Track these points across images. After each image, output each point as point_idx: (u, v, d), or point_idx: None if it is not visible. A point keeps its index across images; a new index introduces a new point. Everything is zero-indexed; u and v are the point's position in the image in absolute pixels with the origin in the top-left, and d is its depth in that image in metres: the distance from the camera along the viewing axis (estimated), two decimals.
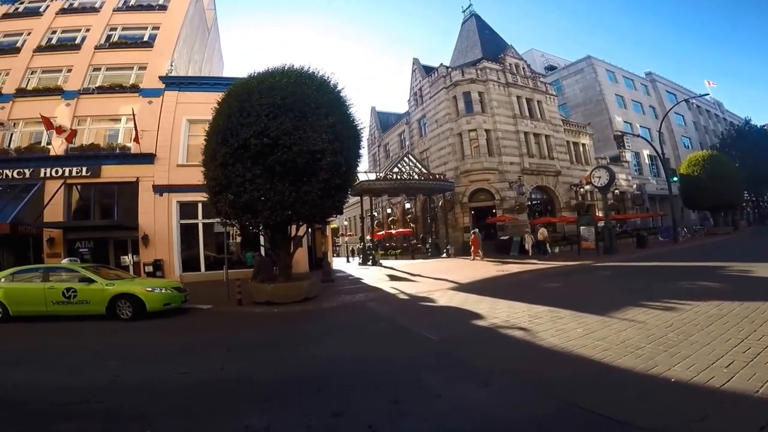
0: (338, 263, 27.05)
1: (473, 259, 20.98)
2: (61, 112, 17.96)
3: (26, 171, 17.18)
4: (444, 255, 23.99)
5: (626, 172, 36.86)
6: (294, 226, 11.77)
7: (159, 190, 17.51)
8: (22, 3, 21.22)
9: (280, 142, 9.62)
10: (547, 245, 20.53)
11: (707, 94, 44.64)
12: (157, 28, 20.57)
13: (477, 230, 22.76)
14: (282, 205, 9.84)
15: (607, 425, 3.10)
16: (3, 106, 18.23)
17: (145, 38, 20.33)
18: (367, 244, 27.13)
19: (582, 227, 20.22)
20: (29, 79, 19.30)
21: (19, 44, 19.94)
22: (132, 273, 15.19)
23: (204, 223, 17.80)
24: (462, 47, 34.21)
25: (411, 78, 35.80)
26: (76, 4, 21.33)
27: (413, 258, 25.85)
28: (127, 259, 17.52)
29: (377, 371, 4.87)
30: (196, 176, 12.28)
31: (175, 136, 18.21)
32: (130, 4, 21.23)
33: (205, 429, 3.34)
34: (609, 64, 43.81)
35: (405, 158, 28.64)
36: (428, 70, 33.24)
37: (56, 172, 17.25)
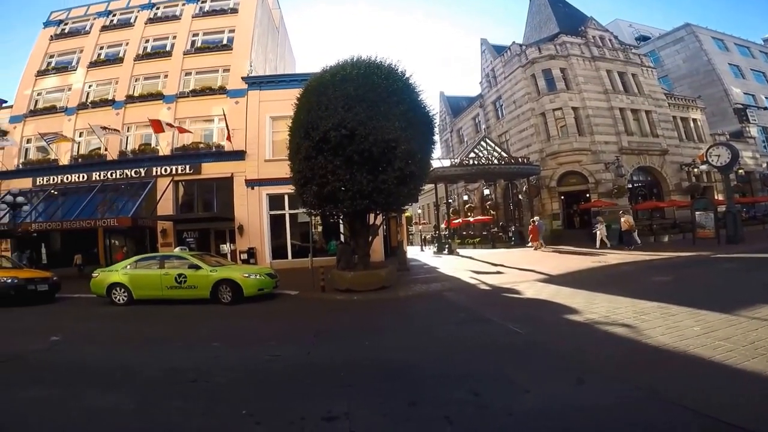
0: (412, 252, 26.93)
1: (535, 249, 20.56)
2: (164, 115, 19.93)
3: (141, 170, 19.49)
4: (529, 244, 22.89)
5: (752, 150, 32.27)
6: (372, 215, 12.03)
7: (250, 183, 18.90)
8: (114, 15, 23.64)
9: (357, 132, 9.88)
10: (635, 235, 18.06)
11: None
12: (233, 31, 21.85)
13: (537, 219, 22.17)
14: (361, 194, 10.12)
15: None
16: (117, 113, 20.69)
17: (224, 41, 21.70)
18: (442, 233, 26.78)
19: (697, 212, 17.88)
20: (134, 87, 21.52)
21: (121, 54, 22.25)
22: (230, 260, 16.61)
23: (290, 214, 18.88)
24: (534, 23, 32.15)
25: (481, 59, 34.51)
26: (160, 14, 23.25)
27: (494, 247, 24.96)
28: (226, 248, 19.32)
29: (457, 362, 4.80)
30: (282, 170, 13.02)
31: (261, 133, 19.41)
32: (206, 10, 22.73)
33: (293, 412, 3.53)
34: (714, 31, 38.34)
35: (482, 142, 27.54)
36: (499, 50, 31.86)
37: (165, 170, 19.36)
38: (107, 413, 3.61)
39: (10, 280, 10.94)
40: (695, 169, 26.87)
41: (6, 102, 23.18)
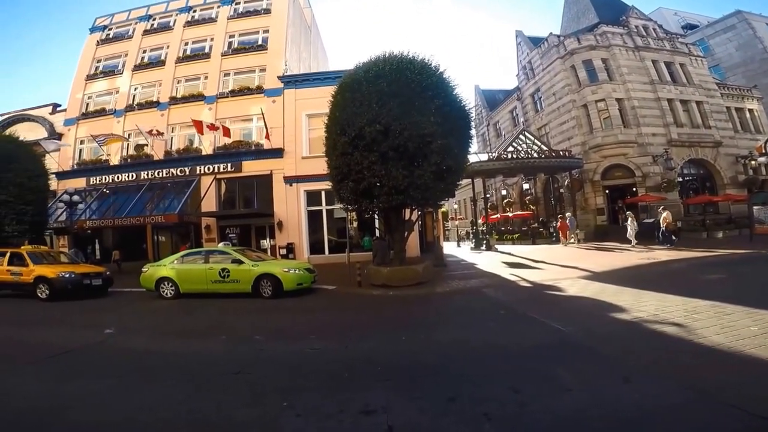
0: (448, 248, 26.62)
1: (565, 245, 20.53)
2: (205, 115, 20.66)
3: (186, 169, 20.31)
4: (572, 240, 22.16)
5: None
6: (408, 210, 12.01)
7: (289, 180, 19.31)
8: (155, 19, 24.55)
9: (391, 128, 9.91)
10: (673, 233, 16.88)
11: None
12: (267, 31, 22.22)
13: (569, 214, 22.25)
14: (396, 189, 10.14)
15: None
16: (162, 114, 21.61)
17: (259, 42, 22.12)
18: (479, 228, 26.38)
19: (755, 207, 16.79)
20: (177, 88, 22.34)
21: (162, 57, 23.12)
22: (269, 255, 17.05)
23: (327, 210, 19.20)
24: (572, 14, 31.06)
25: (517, 51, 33.76)
26: (197, 16, 23.93)
27: (534, 243, 24.34)
28: (266, 243, 19.82)
29: (497, 359, 4.71)
30: (319, 167, 13.20)
31: (298, 131, 19.74)
32: (240, 12, 23.20)
33: (331, 405, 3.59)
34: None
35: (520, 135, 26.92)
36: (535, 42, 30.98)
37: (208, 169, 20.07)
38: (158, 404, 3.78)
39: (68, 275, 11.62)
40: (752, 162, 25.00)
41: (60, 106, 24.70)
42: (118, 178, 21.03)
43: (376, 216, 13.39)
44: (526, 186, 29.29)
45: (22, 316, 9.36)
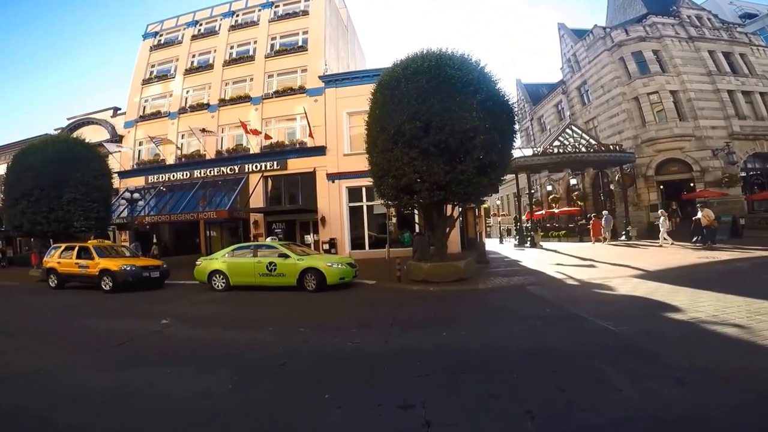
0: (490, 244, 26.10)
1: (594, 243, 20.55)
2: (252, 115, 21.45)
3: (235, 168, 21.22)
4: (623, 237, 21.14)
5: None
6: (449, 206, 11.93)
7: (331, 177, 19.72)
8: (201, 25, 25.59)
9: (432, 124, 9.88)
10: (715, 232, 15.50)
11: None
12: (306, 33, 22.69)
13: (605, 212, 22.00)
14: (438, 185, 10.10)
15: None
16: (213, 115, 22.63)
17: (299, 43, 22.63)
18: (523, 225, 25.73)
19: None
20: (225, 90, 23.33)
21: (210, 61, 24.18)
22: (313, 249, 17.49)
23: (367, 206, 19.46)
24: (617, 5, 29.82)
25: (560, 44, 32.81)
26: (240, 20, 24.75)
27: (581, 240, 23.44)
28: (310, 238, 20.38)
29: (542, 358, 4.61)
30: (360, 163, 13.36)
31: (339, 129, 20.10)
32: (280, 14, 23.79)
33: (371, 398, 3.67)
34: None
35: (567, 129, 25.96)
36: (579, 34, 30.11)
37: (255, 167, 20.87)
38: (210, 392, 3.98)
39: (129, 268, 12.47)
40: None
41: (120, 109, 26.44)
42: (173, 176, 22.32)
43: (415, 212, 13.40)
44: (573, 181, 28.20)
45: (89, 307, 10.10)
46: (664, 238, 17.22)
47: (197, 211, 19.55)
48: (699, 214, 15.58)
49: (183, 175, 22.12)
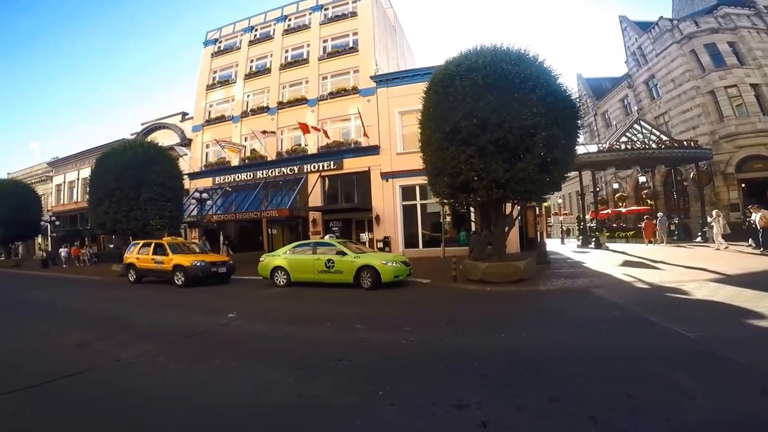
0: (551, 245, 25.11)
1: (648, 244, 20.10)
2: (309, 117, 22.11)
3: (295, 168, 22.06)
4: (698, 239, 19.53)
5: None
6: (508, 204, 11.62)
7: (385, 176, 19.93)
8: (257, 30, 26.54)
9: (490, 121, 9.66)
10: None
11: None
12: (356, 34, 22.93)
13: (661, 214, 21.40)
14: (496, 183, 9.88)
15: None
16: (272, 118, 23.59)
17: (350, 44, 22.94)
18: (587, 225, 24.46)
19: None
20: (283, 93, 24.18)
21: (268, 65, 25.11)
22: (368, 247, 17.72)
23: (421, 204, 19.48)
24: None
25: (623, 37, 31.31)
26: (292, 24, 25.45)
27: (650, 242, 21.94)
28: (365, 236, 20.70)
29: (608, 363, 4.37)
30: (413, 162, 13.34)
31: (392, 128, 20.26)
32: (329, 17, 24.19)
33: (425, 397, 3.64)
34: None
35: (635, 125, 24.52)
36: (643, 26, 28.55)
37: (313, 167, 21.56)
38: (273, 385, 4.15)
39: (199, 264, 13.31)
40: None
41: (188, 114, 28.27)
42: (238, 177, 23.58)
43: (471, 210, 13.18)
44: (642, 179, 26.47)
45: (163, 300, 10.87)
46: (720, 241, 15.91)
47: (260, 210, 20.56)
48: (755, 216, 14.04)
49: (247, 175, 23.32)
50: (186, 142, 26.25)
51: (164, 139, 25.74)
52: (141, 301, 10.93)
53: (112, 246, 26.79)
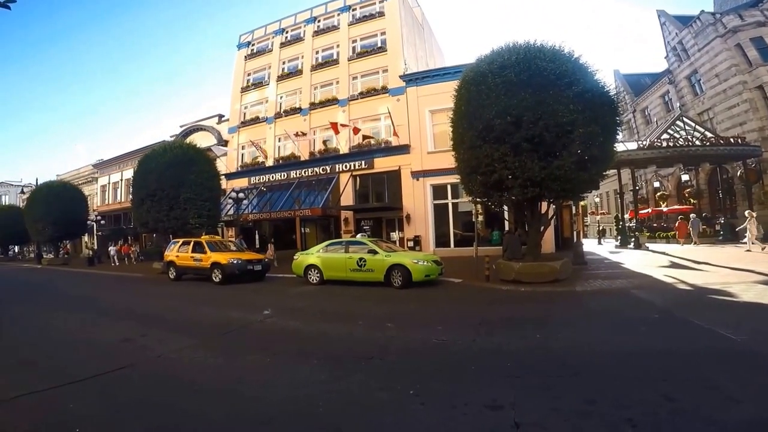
0: (587, 245, 24.37)
1: (683, 244, 19.92)
2: (340, 117, 22.33)
3: (327, 167, 22.39)
4: (745, 240, 18.52)
5: None
6: (544, 203, 11.41)
7: (415, 175, 19.91)
8: (287, 32, 26.95)
9: (524, 118, 9.51)
10: None
11: None
12: (384, 33, 22.95)
13: (694, 216, 21.00)
14: (532, 181, 9.72)
15: None
16: (305, 119, 24.02)
17: (378, 44, 22.99)
18: (626, 224, 23.61)
19: None
20: (314, 94, 24.53)
21: (299, 67, 25.49)
22: (398, 246, 17.76)
23: (452, 203, 19.35)
24: None
25: (662, 32, 30.49)
26: (322, 26, 25.69)
27: (694, 242, 20.96)
28: (395, 235, 20.75)
29: (648, 365, 4.25)
30: (444, 161, 13.25)
31: (422, 127, 20.21)
32: (357, 17, 24.27)
33: (456, 397, 3.66)
34: None
35: (677, 122, 23.74)
36: (683, 21, 27.72)
37: (345, 166, 21.82)
38: (307, 381, 4.25)
39: (236, 261, 13.71)
40: None
41: (224, 116, 29.15)
42: (272, 177, 24.17)
43: (505, 209, 13.00)
44: (685, 177, 25.38)
45: (202, 297, 11.26)
46: (753, 242, 15.22)
47: (294, 209, 20.98)
48: None
49: (281, 175, 23.85)
50: (223, 144, 27.09)
51: (202, 140, 26.68)
52: (180, 297, 11.37)
53: (151, 245, 27.93)
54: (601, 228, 33.14)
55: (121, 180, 35.48)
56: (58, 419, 3.45)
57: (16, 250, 46.94)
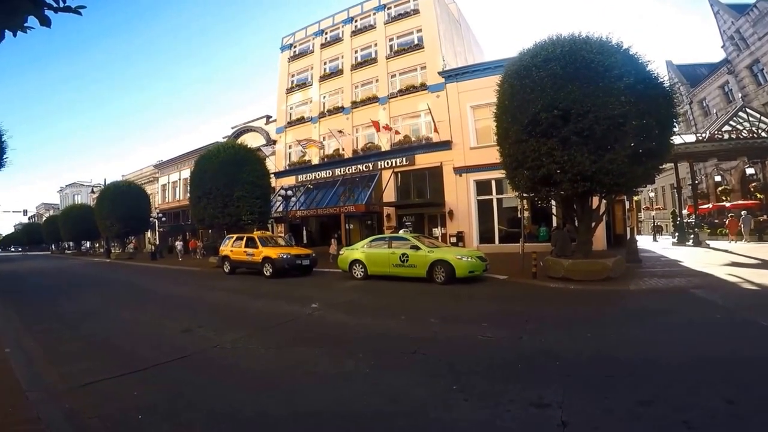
0: (642, 242, 23.09)
1: (730, 242, 19.58)
2: (380, 115, 22.57)
3: (369, 165, 22.73)
4: (734, 239, 17.21)
5: None
6: (595, 198, 11.04)
7: (458, 171, 19.79)
8: (326, 33, 27.30)
9: (572, 111, 9.26)
10: None
11: None
12: (420, 31, 22.81)
13: (745, 212, 20.27)
14: (582, 175, 9.44)
15: None
16: (347, 117, 24.43)
17: (415, 41, 22.89)
18: (684, 220, 22.27)
19: None
20: (355, 93, 24.87)
21: (340, 67, 25.88)
22: (441, 242, 17.72)
23: (497, 199, 19.06)
24: None
25: (716, 21, 28.90)
26: (359, 25, 25.84)
27: (761, 239, 19.45)
28: (437, 231, 20.71)
29: (708, 367, 4.10)
30: (487, 156, 13.08)
31: (464, 123, 20.03)
32: (393, 15, 24.21)
33: (501, 394, 3.63)
34: None
35: (740, 113, 22.22)
36: (738, 9, 26.28)
37: (387, 163, 22.06)
38: (351, 374, 4.41)
39: (285, 256, 14.23)
40: None
41: (271, 117, 30.17)
42: (318, 175, 24.87)
43: (552, 205, 12.66)
44: (750, 171, 23.61)
45: (254, 290, 11.73)
46: None
47: (338, 205, 21.52)
48: None
49: (326, 173, 24.48)
50: (271, 143, 28.08)
51: (252, 140, 27.84)
52: (234, 290, 11.91)
53: (206, 240, 29.48)
54: (657, 224, 31.39)
55: (180, 179, 37.65)
56: (123, 405, 3.68)
57: (88, 245, 50.94)
